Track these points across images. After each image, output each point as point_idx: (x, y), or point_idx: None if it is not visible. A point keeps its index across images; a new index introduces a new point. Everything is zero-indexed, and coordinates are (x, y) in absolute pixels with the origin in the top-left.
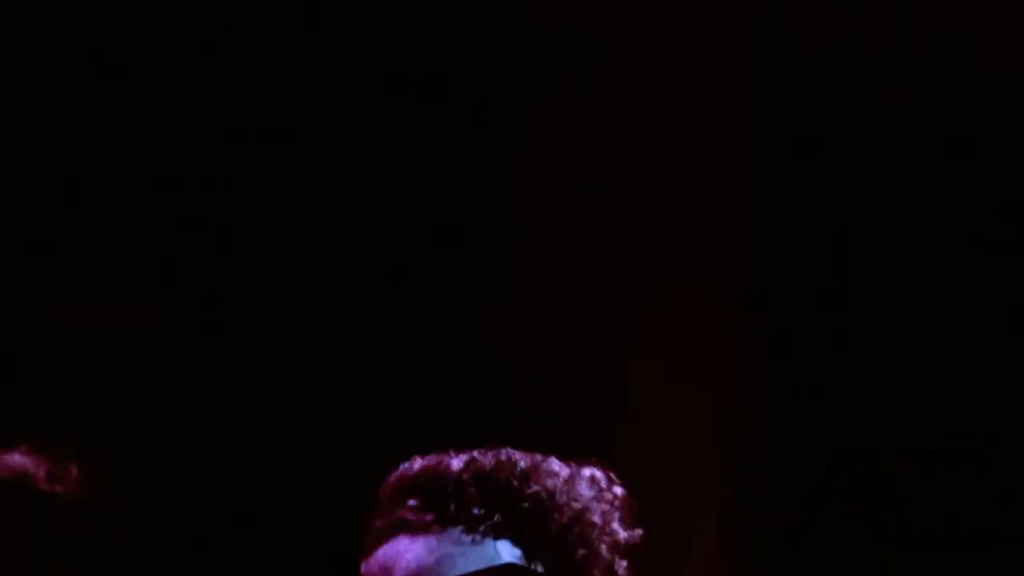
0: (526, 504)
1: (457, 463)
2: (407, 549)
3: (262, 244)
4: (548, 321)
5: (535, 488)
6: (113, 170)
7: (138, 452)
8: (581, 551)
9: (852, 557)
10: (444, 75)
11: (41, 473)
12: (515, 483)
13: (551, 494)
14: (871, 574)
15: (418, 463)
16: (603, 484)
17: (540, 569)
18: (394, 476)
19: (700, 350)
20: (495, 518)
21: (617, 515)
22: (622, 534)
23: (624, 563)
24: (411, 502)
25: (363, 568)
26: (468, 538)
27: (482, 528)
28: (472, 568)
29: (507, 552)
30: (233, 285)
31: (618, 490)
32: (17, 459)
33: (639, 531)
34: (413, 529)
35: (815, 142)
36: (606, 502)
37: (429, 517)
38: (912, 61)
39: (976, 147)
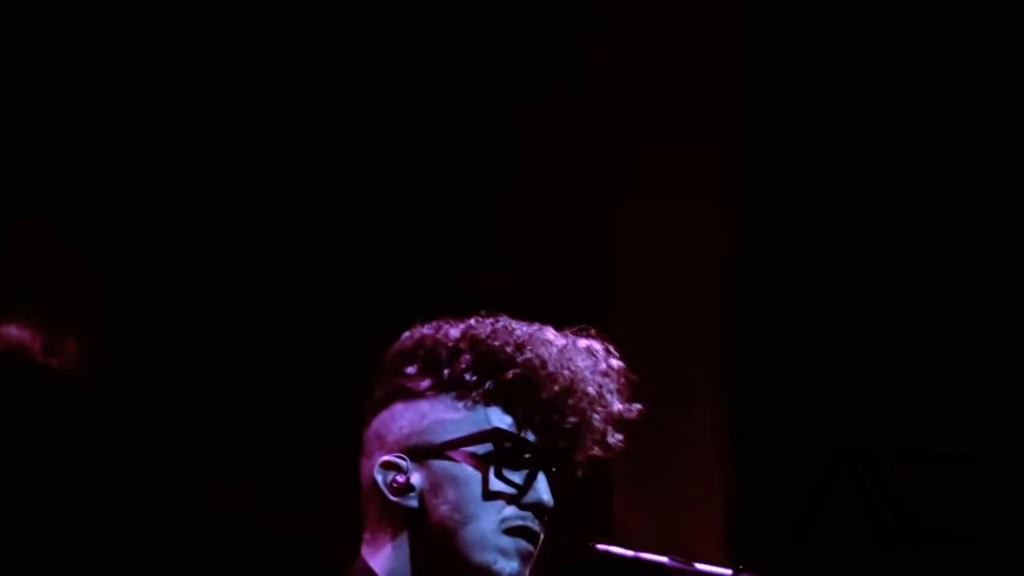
0: (519, 372)
1: (454, 331)
2: (400, 415)
3: None
4: (547, 184)
5: (528, 356)
6: None
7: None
8: (572, 420)
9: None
10: None
11: (37, 346)
12: (508, 351)
13: (544, 363)
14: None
15: (418, 331)
16: (599, 355)
17: (530, 437)
18: (395, 344)
19: (698, 212)
20: (487, 385)
21: (612, 387)
22: (617, 406)
23: (619, 436)
24: (409, 369)
25: (363, 436)
26: (459, 404)
27: (474, 395)
28: (461, 434)
29: (497, 419)
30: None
31: (615, 362)
32: (13, 331)
33: (637, 405)
34: (408, 395)
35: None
36: (601, 373)
37: (425, 384)
38: None
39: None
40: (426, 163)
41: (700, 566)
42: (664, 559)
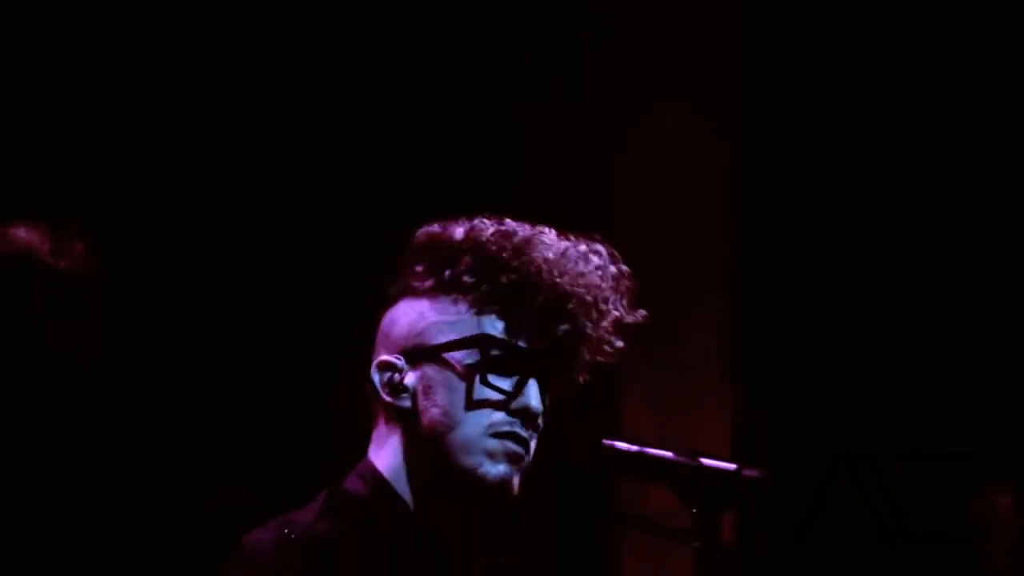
0: (512, 276)
1: (460, 231)
2: (404, 313)
3: None
4: (551, 96)
5: (524, 261)
6: None
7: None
8: (565, 327)
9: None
10: None
11: (46, 248)
12: (505, 255)
13: (540, 269)
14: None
15: (427, 229)
16: (602, 260)
17: (522, 343)
18: (409, 242)
19: (706, 119)
20: (483, 288)
21: (613, 293)
22: (616, 312)
23: (619, 342)
24: (417, 267)
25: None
26: (456, 307)
27: (470, 298)
28: (452, 337)
29: (489, 324)
30: None
31: (618, 268)
32: (22, 234)
33: (641, 312)
34: (414, 293)
35: None
36: (601, 279)
37: (428, 283)
38: None
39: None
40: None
41: (705, 461)
42: (669, 454)
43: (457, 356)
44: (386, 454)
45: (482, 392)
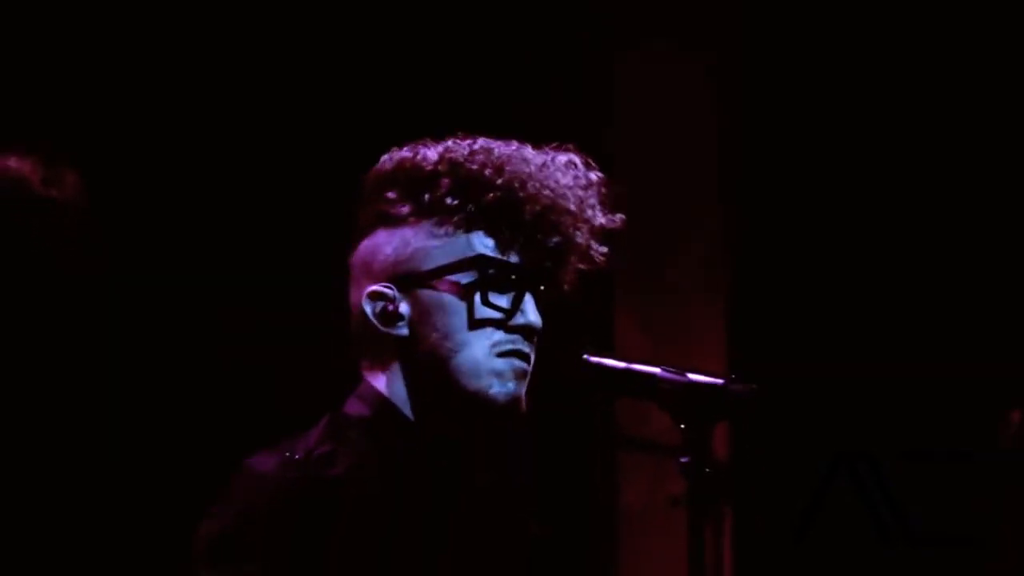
0: (498, 193)
1: (432, 153)
2: (385, 242)
3: None
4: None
5: (508, 177)
6: None
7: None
8: (555, 239)
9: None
10: None
11: (37, 177)
12: (488, 173)
13: (524, 183)
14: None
15: (396, 154)
16: (579, 169)
17: (514, 259)
18: (374, 168)
19: (693, 43)
20: (468, 209)
21: (594, 200)
22: (599, 219)
23: (603, 248)
24: (389, 194)
25: (349, 261)
26: (441, 230)
27: (455, 219)
28: (444, 261)
29: (479, 243)
30: None
31: (595, 175)
32: (13, 163)
33: (620, 216)
34: (391, 222)
35: None
36: (582, 187)
37: (406, 209)
38: None
39: None
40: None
41: (693, 376)
42: (657, 370)
43: (451, 280)
44: (384, 379)
45: (482, 312)
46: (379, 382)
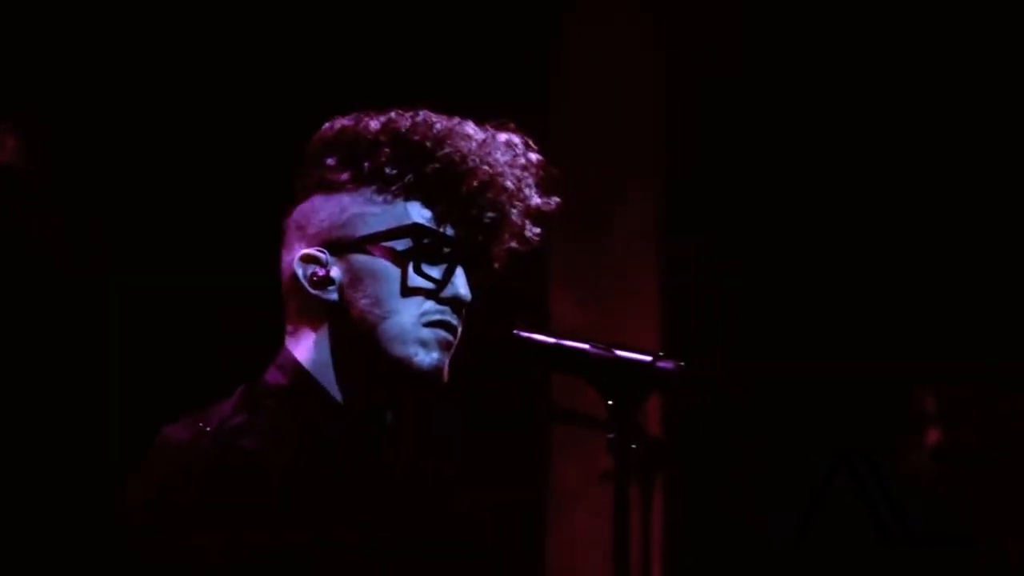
0: (438, 166)
1: (374, 123)
2: (320, 208)
3: None
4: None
5: (448, 151)
6: None
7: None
8: (491, 215)
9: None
10: None
11: None
12: (428, 144)
13: (464, 157)
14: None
15: (338, 122)
16: (519, 149)
17: (449, 231)
18: (315, 136)
19: (634, 9)
20: (407, 178)
21: (531, 181)
22: (535, 200)
23: (537, 229)
24: (328, 160)
25: (283, 224)
26: (379, 198)
27: (394, 188)
28: (380, 228)
29: (416, 213)
30: None
31: (534, 156)
32: None
33: (555, 199)
34: (328, 188)
35: None
36: (520, 167)
37: (344, 176)
38: None
39: None
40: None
41: (620, 352)
42: (585, 346)
43: (386, 247)
44: (306, 347)
45: (414, 280)
46: (299, 351)
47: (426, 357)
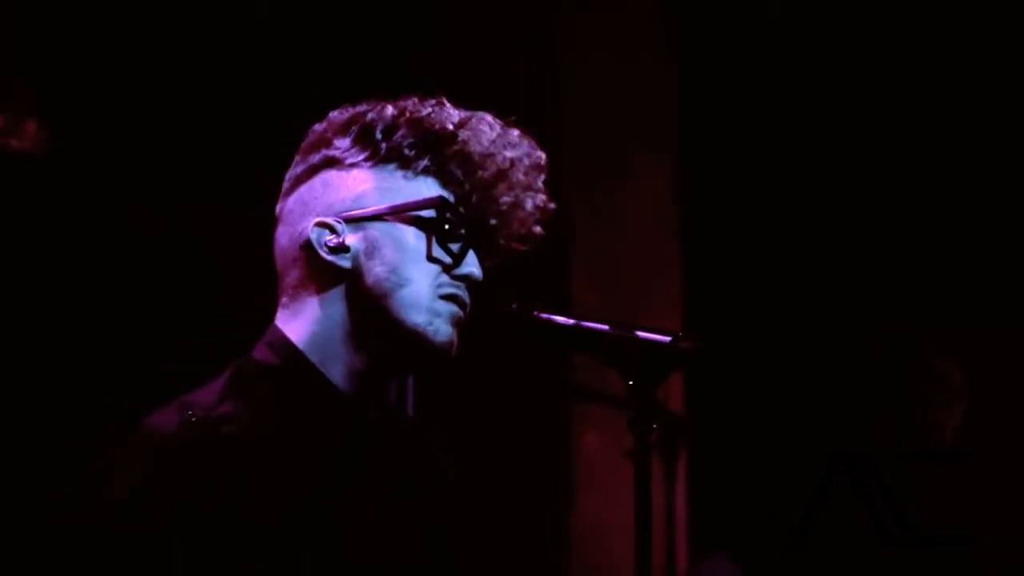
0: (459, 148)
1: (391, 109)
2: (333, 182)
3: None
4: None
5: (469, 135)
6: None
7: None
8: (507, 200)
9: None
10: None
11: None
12: (450, 127)
13: (484, 143)
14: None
15: (349, 109)
16: (530, 147)
17: (463, 212)
18: (325, 120)
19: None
20: (426, 159)
21: (539, 178)
22: (540, 197)
23: (538, 228)
24: (339, 142)
25: (279, 209)
26: (400, 174)
27: (413, 167)
28: (408, 199)
29: (438, 190)
30: None
31: (542, 154)
32: None
33: (552, 204)
34: (339, 165)
35: None
36: (532, 163)
37: (361, 156)
38: None
39: None
40: None
41: (640, 333)
42: (604, 327)
43: (412, 216)
44: (303, 322)
45: (436, 252)
46: (293, 327)
47: (440, 326)
